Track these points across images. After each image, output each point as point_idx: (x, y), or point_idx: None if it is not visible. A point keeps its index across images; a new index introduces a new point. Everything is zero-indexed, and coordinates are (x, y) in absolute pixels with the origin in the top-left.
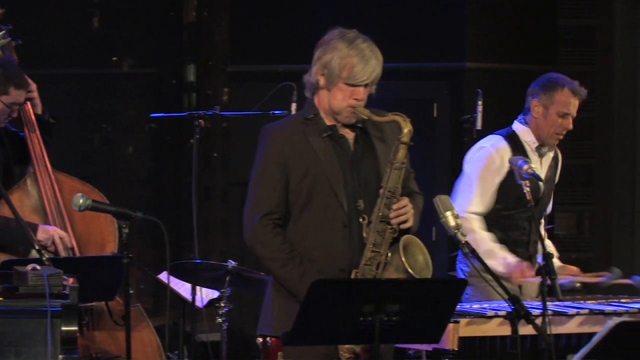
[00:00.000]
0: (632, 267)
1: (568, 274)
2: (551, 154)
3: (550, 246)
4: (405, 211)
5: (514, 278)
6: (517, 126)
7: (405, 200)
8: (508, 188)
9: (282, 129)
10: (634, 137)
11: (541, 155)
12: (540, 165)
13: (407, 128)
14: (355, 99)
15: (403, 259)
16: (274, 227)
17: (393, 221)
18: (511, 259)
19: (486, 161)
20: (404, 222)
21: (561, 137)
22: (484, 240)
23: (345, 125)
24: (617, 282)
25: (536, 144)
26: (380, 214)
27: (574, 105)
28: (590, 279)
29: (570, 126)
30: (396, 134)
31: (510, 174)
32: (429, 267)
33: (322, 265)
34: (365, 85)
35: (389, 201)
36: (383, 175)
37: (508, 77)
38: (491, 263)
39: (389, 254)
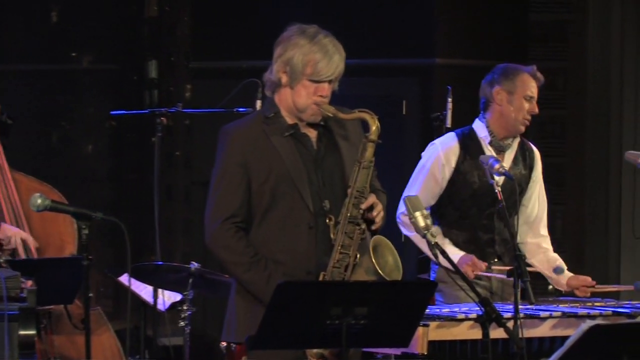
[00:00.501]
0: (606, 269)
1: (582, 285)
2: (515, 148)
3: (558, 258)
4: (377, 211)
5: (466, 272)
6: (476, 123)
7: (372, 197)
8: (460, 186)
9: (241, 129)
10: (608, 135)
11: (500, 150)
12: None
13: (375, 126)
14: (320, 96)
15: (373, 260)
16: (237, 231)
17: (376, 220)
18: (457, 252)
19: (433, 159)
20: (376, 218)
21: (528, 123)
22: None
23: (308, 124)
24: (624, 289)
25: (489, 139)
26: (348, 214)
27: (535, 88)
28: (610, 289)
29: (536, 110)
30: (360, 132)
31: (459, 172)
32: (399, 268)
33: (288, 269)
34: (330, 82)
35: (358, 201)
36: (348, 174)
37: (478, 73)
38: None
39: (358, 256)
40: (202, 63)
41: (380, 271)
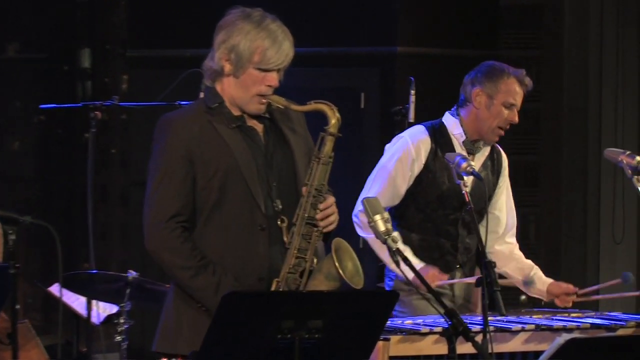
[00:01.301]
0: (583, 277)
1: (563, 293)
2: (486, 152)
3: (533, 266)
4: (332, 211)
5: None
6: (447, 118)
7: (331, 199)
8: (427, 185)
9: (185, 119)
10: (585, 131)
11: (471, 152)
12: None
13: (334, 118)
14: (268, 86)
15: (337, 264)
16: (183, 231)
17: (321, 224)
18: (418, 263)
19: (402, 153)
20: (331, 224)
21: (502, 132)
22: None
23: (253, 116)
24: (610, 284)
25: (463, 138)
26: (305, 215)
27: (520, 95)
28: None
29: (516, 119)
30: (305, 123)
31: (428, 169)
32: (359, 274)
33: (238, 274)
34: (278, 70)
35: (316, 200)
36: (299, 170)
37: (444, 63)
38: (394, 267)
39: (315, 260)
40: (141, 51)
41: (344, 277)
